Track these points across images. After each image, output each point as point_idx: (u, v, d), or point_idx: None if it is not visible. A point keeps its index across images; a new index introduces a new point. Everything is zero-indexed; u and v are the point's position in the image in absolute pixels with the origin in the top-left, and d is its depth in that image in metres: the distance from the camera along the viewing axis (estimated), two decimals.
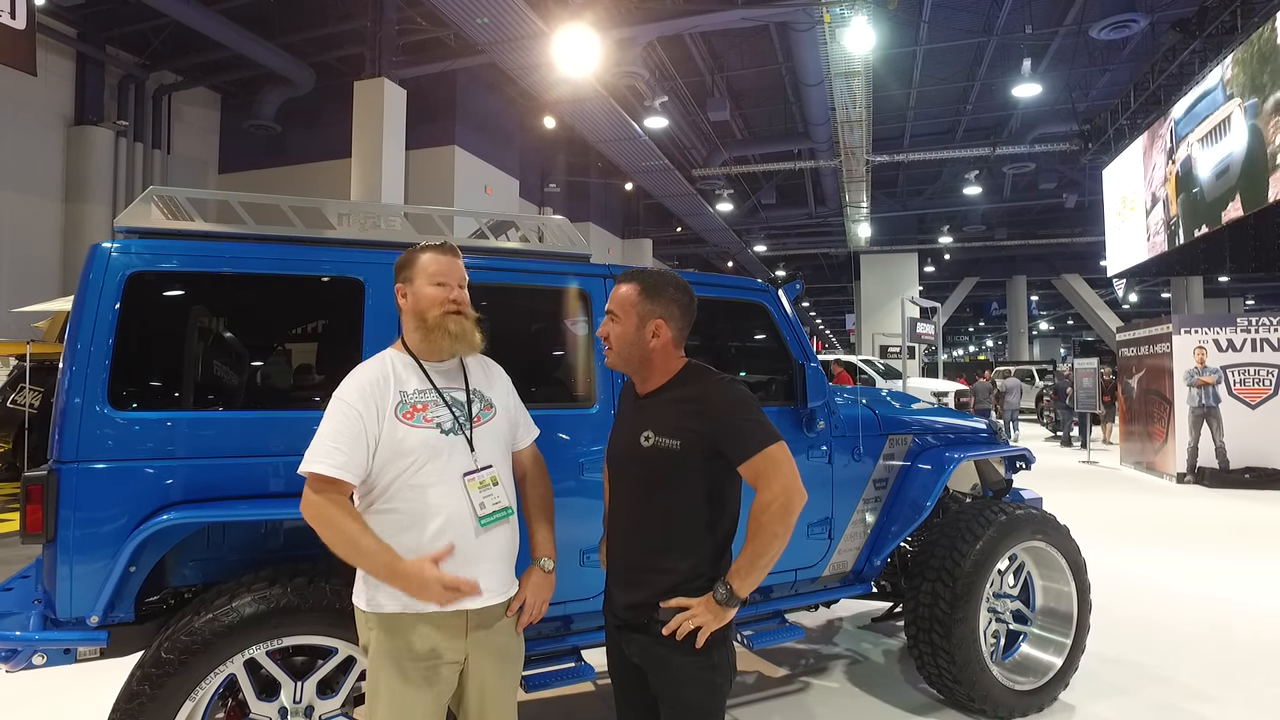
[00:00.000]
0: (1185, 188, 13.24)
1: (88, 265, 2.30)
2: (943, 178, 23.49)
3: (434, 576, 1.73)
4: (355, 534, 1.75)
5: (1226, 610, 5.07)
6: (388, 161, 12.67)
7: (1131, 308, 35.35)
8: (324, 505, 1.75)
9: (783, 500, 1.78)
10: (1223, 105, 11.76)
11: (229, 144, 16.90)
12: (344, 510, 1.76)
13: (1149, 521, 8.19)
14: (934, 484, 3.45)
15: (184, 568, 2.46)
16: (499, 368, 2.14)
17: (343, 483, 1.78)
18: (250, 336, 2.64)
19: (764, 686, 3.79)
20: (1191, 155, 12.96)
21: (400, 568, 1.73)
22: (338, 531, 1.75)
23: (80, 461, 2.18)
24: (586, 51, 10.77)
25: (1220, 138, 11.94)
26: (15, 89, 12.70)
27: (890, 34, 13.85)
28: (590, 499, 2.74)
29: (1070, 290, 31.82)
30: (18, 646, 2.20)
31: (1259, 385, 10.77)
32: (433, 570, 1.73)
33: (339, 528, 1.75)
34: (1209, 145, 12.34)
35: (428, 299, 1.92)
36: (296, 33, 13.88)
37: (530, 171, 19.14)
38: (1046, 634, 3.62)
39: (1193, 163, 12.90)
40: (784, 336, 3.27)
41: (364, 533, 1.76)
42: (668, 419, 1.89)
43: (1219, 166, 11.95)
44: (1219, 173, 11.96)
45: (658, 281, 1.96)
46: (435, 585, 1.72)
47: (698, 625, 1.79)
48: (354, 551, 1.75)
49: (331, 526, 1.75)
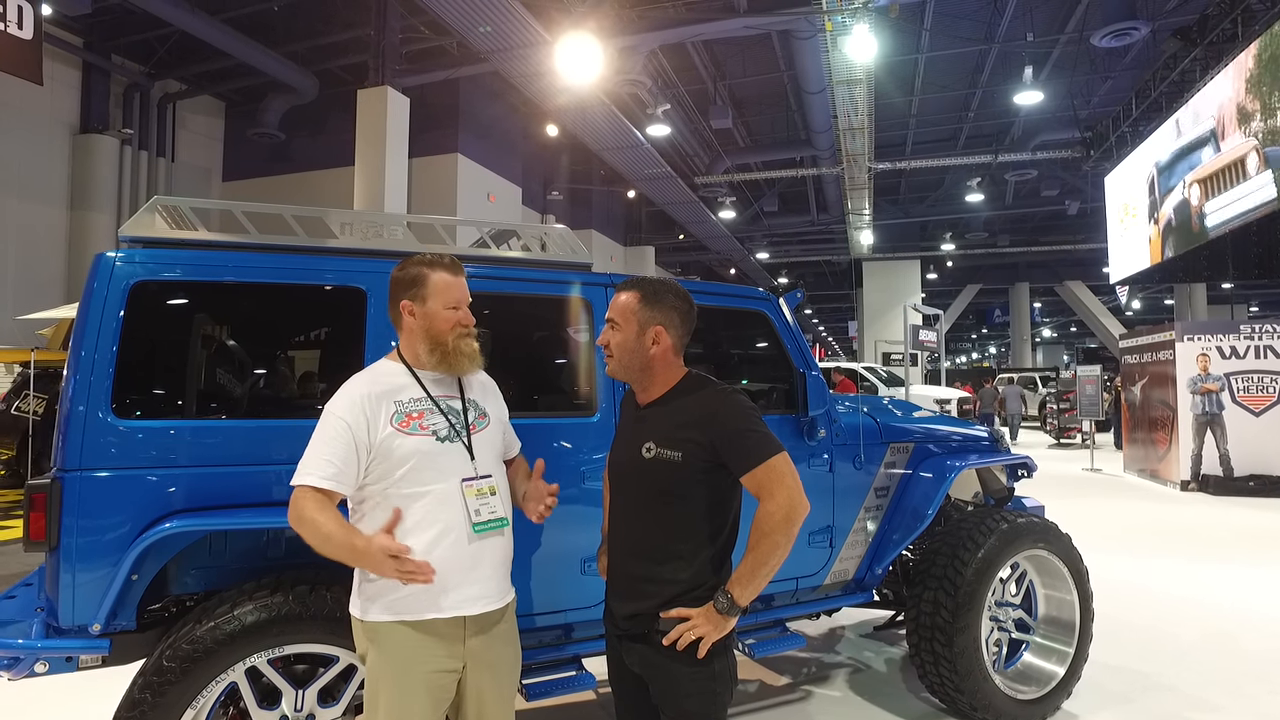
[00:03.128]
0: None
1: (92, 274, 2.31)
2: (945, 185, 23.51)
3: (382, 546, 1.68)
4: (321, 522, 1.73)
5: (1231, 618, 5.05)
6: (391, 169, 12.72)
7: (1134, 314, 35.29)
8: (301, 506, 1.76)
9: (785, 511, 1.78)
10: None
11: (233, 152, 16.99)
12: (315, 503, 1.76)
13: (1152, 529, 8.16)
14: (935, 492, 3.44)
15: (186, 576, 2.47)
16: (489, 379, 2.15)
17: (333, 494, 1.79)
18: (253, 345, 2.66)
19: (766, 695, 3.78)
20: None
21: (359, 545, 1.71)
22: (309, 525, 1.74)
23: (84, 469, 2.19)
24: (589, 59, 10.81)
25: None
26: (21, 98, 12.79)
27: (892, 42, 13.89)
28: (590, 507, 2.75)
29: (1073, 297, 31.80)
30: (20, 654, 2.21)
31: (1263, 392, 10.73)
32: (383, 542, 1.69)
33: (309, 521, 1.74)
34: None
35: (445, 322, 1.94)
36: (300, 41, 13.97)
37: (533, 179, 19.21)
38: (1049, 643, 3.61)
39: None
40: (785, 345, 3.27)
41: (329, 520, 1.75)
42: (669, 430, 1.90)
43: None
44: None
45: (657, 289, 1.98)
46: (387, 561, 1.68)
47: (699, 636, 1.79)
48: (321, 539, 1.73)
49: (304, 523, 1.75)
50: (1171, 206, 13.74)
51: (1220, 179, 11.93)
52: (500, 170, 16.27)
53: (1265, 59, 10.94)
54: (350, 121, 13.07)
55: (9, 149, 13.00)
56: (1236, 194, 11.43)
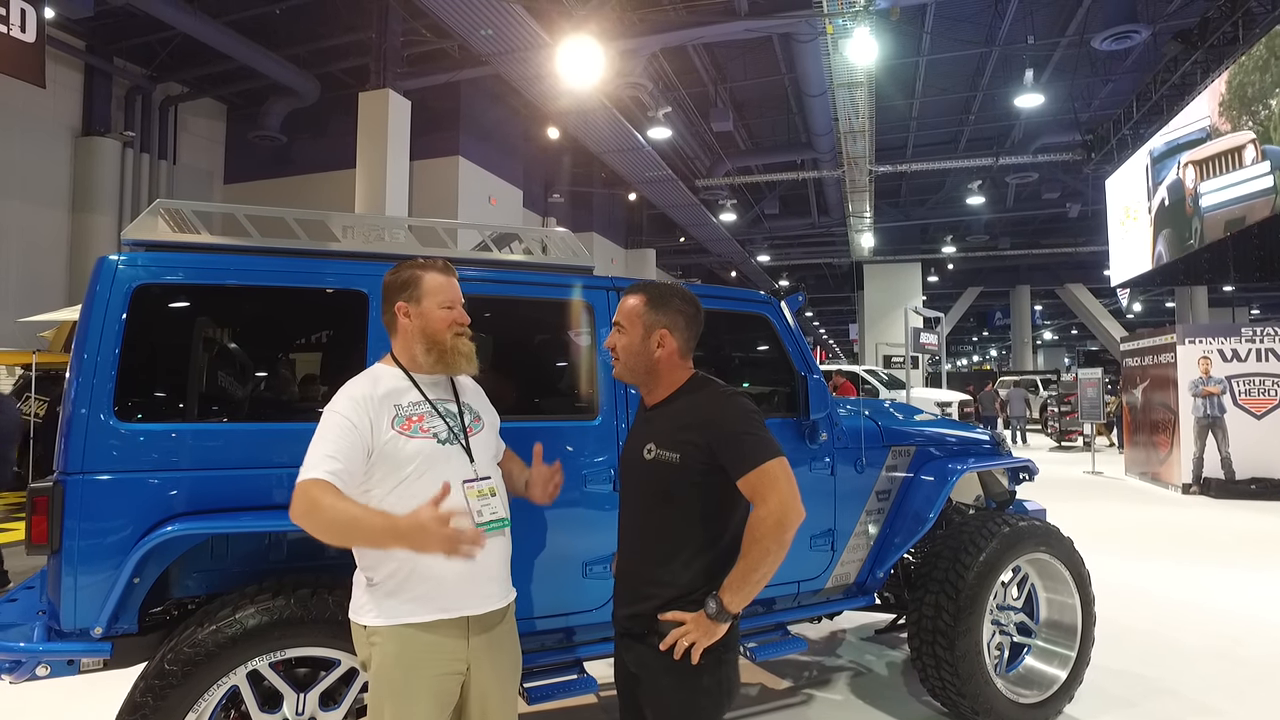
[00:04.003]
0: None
1: (94, 277, 2.32)
2: (946, 187, 23.52)
3: (434, 516, 1.60)
4: (344, 507, 1.67)
5: (1233, 622, 5.04)
6: (392, 172, 12.74)
7: (1136, 317, 35.29)
8: (314, 494, 1.69)
9: (777, 516, 1.77)
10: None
11: (234, 155, 17.02)
12: (329, 492, 1.69)
13: (1154, 533, 8.15)
14: (937, 495, 3.44)
15: (188, 579, 2.47)
16: (476, 384, 2.14)
17: (337, 490, 1.78)
18: (255, 348, 2.66)
19: (767, 699, 3.78)
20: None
21: (401, 524, 1.62)
22: (327, 512, 1.67)
23: (85, 473, 2.19)
24: (590, 62, 10.82)
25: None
26: (24, 101, 12.81)
27: (893, 45, 13.90)
28: (592, 511, 2.75)
29: (1074, 300, 31.78)
30: (22, 657, 2.21)
31: (1264, 395, 10.72)
32: (430, 512, 1.61)
33: (328, 507, 1.67)
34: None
35: (441, 321, 1.95)
36: (302, 44, 14.00)
37: (534, 182, 19.23)
38: (1051, 647, 3.60)
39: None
40: (786, 348, 3.27)
41: (352, 504, 1.69)
42: (670, 432, 1.91)
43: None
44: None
45: (664, 292, 2.00)
46: (436, 528, 1.59)
47: (690, 642, 1.78)
48: (346, 522, 1.68)
49: (321, 509, 1.67)
50: (1165, 187, 13.87)
51: (1216, 163, 12.08)
52: (501, 173, 16.29)
53: (1235, 85, 11.35)
54: (352, 124, 13.09)
55: (11, 151, 13.02)
56: (1234, 178, 11.58)
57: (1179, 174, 13.29)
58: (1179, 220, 13.43)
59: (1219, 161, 11.99)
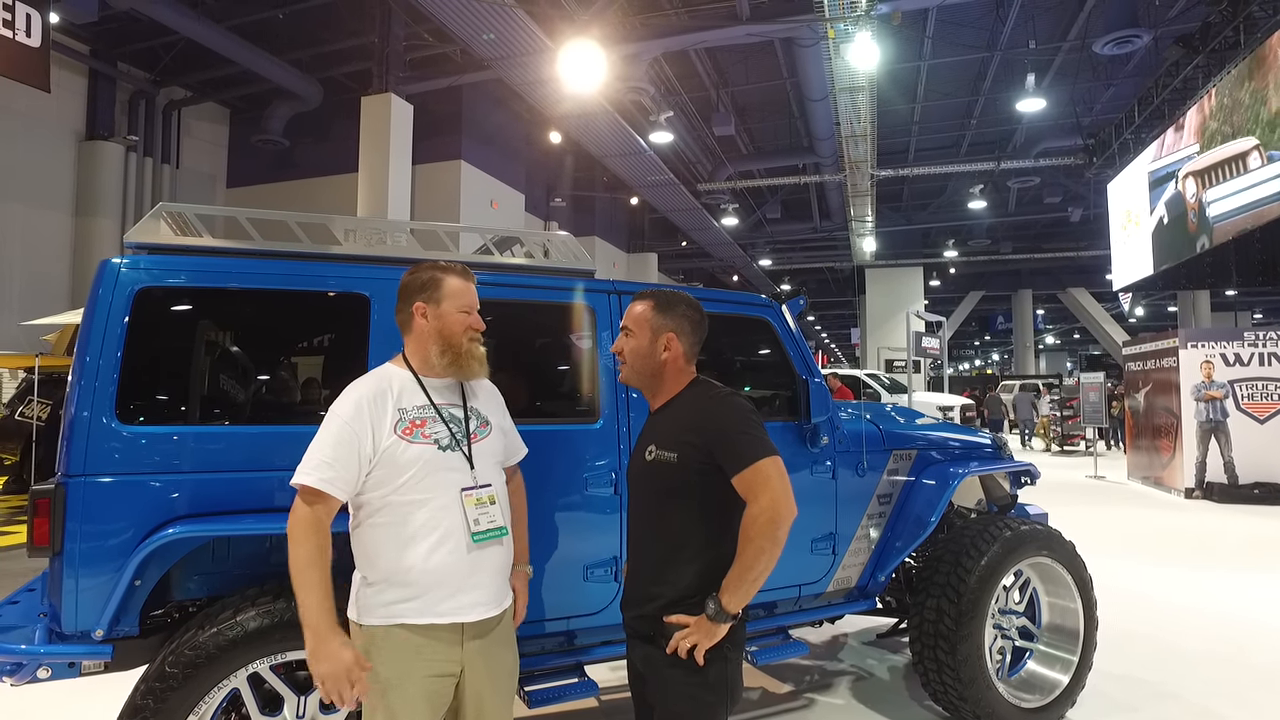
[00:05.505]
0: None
1: (97, 280, 2.32)
2: (947, 192, 23.55)
3: (347, 666, 1.69)
4: (305, 573, 1.75)
5: (1236, 627, 5.03)
6: (394, 176, 12.77)
7: (1138, 321, 35.26)
8: (298, 528, 1.77)
9: (769, 514, 1.79)
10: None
11: (237, 159, 17.07)
12: (315, 544, 1.76)
13: (1157, 537, 8.13)
14: (938, 499, 3.44)
15: (189, 581, 2.47)
16: (492, 386, 2.15)
17: (331, 497, 1.79)
18: (257, 351, 2.66)
19: (768, 703, 3.77)
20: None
21: (319, 636, 1.71)
22: (297, 559, 1.75)
23: (87, 475, 2.19)
24: (592, 67, 10.85)
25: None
26: (28, 105, 12.87)
27: (894, 49, 13.93)
28: (593, 514, 2.75)
29: (1076, 304, 31.78)
30: (23, 660, 2.21)
31: (1267, 400, 10.70)
32: (348, 662, 1.70)
33: (300, 557, 1.75)
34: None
35: (458, 324, 1.96)
36: (304, 49, 14.05)
37: (536, 186, 19.27)
38: (1053, 651, 3.59)
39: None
40: (787, 352, 3.28)
41: (316, 572, 1.75)
42: (671, 433, 1.94)
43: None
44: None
45: (670, 298, 2.06)
46: (345, 680, 1.69)
47: (692, 644, 1.80)
48: (297, 584, 1.75)
49: (295, 544, 1.76)
50: (1164, 203, 13.87)
51: (1218, 172, 12.04)
52: (503, 177, 16.33)
53: (1216, 108, 11.32)
54: (354, 128, 13.13)
55: (15, 155, 13.07)
56: (1241, 183, 11.50)
57: (1178, 187, 13.25)
58: (1180, 237, 13.37)
59: (1221, 170, 11.96)
